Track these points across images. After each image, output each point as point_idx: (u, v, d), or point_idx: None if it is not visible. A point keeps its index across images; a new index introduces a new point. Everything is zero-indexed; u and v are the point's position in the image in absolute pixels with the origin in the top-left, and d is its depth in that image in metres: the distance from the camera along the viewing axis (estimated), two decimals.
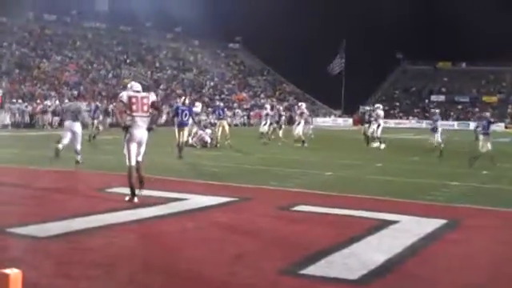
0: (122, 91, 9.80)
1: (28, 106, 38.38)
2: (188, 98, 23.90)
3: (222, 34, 74.16)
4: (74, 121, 14.34)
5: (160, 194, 9.41)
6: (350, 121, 66.36)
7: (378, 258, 5.65)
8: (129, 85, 9.74)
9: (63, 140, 14.25)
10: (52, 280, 4.74)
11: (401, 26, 73.31)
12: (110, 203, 8.68)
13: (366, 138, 24.86)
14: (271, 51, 74.01)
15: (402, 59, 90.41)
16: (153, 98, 9.40)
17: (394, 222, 7.58)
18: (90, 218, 7.35)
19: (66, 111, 15.06)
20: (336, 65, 71.22)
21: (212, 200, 9.04)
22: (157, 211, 7.96)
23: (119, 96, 9.43)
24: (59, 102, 39.60)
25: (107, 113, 36.51)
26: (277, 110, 27.11)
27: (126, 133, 9.01)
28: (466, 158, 16.92)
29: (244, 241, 6.42)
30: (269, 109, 27.48)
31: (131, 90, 9.29)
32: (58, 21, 63.71)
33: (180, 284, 4.79)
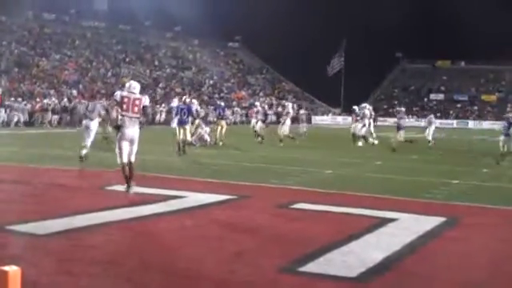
0: (119, 90, 9.99)
1: (27, 105, 38.34)
2: (187, 96, 23.94)
3: (221, 32, 74.23)
4: (92, 120, 14.78)
5: (159, 192, 9.41)
6: (349, 119, 66.33)
7: (377, 256, 5.66)
8: (127, 84, 9.93)
9: (84, 142, 14.37)
10: (52, 277, 4.74)
11: (400, 25, 73.30)
12: (110, 201, 8.68)
13: (353, 136, 25.20)
14: (270, 50, 74.02)
15: (401, 58, 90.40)
16: (145, 102, 9.66)
17: (392, 220, 7.58)
18: (90, 215, 7.35)
19: (83, 111, 15.59)
20: (335, 64, 71.18)
21: (211, 198, 9.04)
22: (156, 209, 7.96)
23: (114, 95, 9.81)
24: (58, 101, 39.62)
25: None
26: (262, 108, 26.93)
27: (118, 131, 9.40)
28: (465, 157, 16.94)
29: (243, 238, 6.42)
30: (259, 107, 27.48)
31: (128, 89, 9.56)
32: (57, 20, 63.67)
33: (179, 282, 4.80)
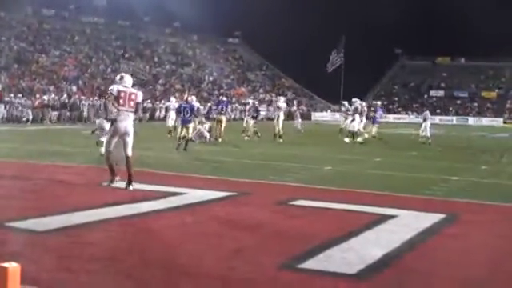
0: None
1: (27, 101, 38.31)
2: (187, 93, 23.98)
3: (221, 28, 74.19)
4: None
5: (159, 189, 9.41)
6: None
7: (377, 253, 5.66)
8: (118, 76, 10.12)
9: (101, 138, 14.61)
10: (51, 274, 4.74)
11: (399, 21, 73.28)
12: (110, 197, 8.68)
13: (340, 130, 25.39)
14: (270, 46, 74.01)
15: (400, 54, 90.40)
16: (139, 97, 9.83)
17: (392, 217, 7.59)
18: (90, 212, 7.35)
19: (98, 110, 15.52)
20: (334, 59, 71.07)
21: (211, 194, 9.04)
22: (156, 205, 7.96)
23: (110, 88, 9.88)
24: (58, 97, 39.59)
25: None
26: (252, 105, 26.84)
27: (111, 125, 9.58)
28: (464, 153, 16.94)
29: (243, 235, 6.42)
30: (251, 103, 27.44)
31: (122, 83, 9.68)
32: (57, 15, 63.60)
33: (179, 278, 4.80)
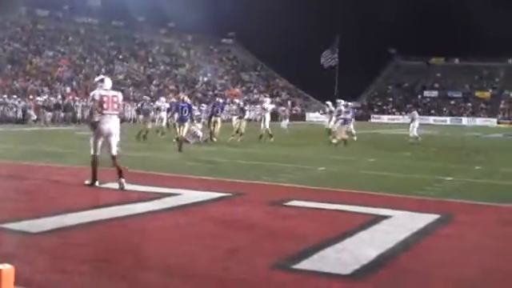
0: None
1: (21, 102, 38.22)
2: (182, 93, 24.03)
3: (214, 29, 74.12)
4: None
5: (153, 190, 9.40)
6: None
7: (371, 253, 5.66)
8: (97, 79, 10.17)
9: None
10: (45, 275, 4.73)
11: (394, 22, 73.41)
12: (104, 198, 8.67)
13: (328, 132, 25.36)
14: (264, 46, 74.00)
15: (394, 54, 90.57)
16: (120, 99, 10.00)
17: (386, 217, 7.59)
18: (84, 213, 7.33)
19: None
20: (328, 58, 71.09)
21: (205, 195, 9.03)
22: (150, 206, 7.94)
23: (91, 94, 9.92)
24: (52, 98, 39.53)
25: None
26: (237, 105, 26.39)
27: (95, 128, 9.64)
28: (458, 154, 16.98)
29: (237, 236, 6.42)
30: (237, 103, 27.16)
31: (102, 87, 9.76)
32: (51, 16, 63.46)
33: (173, 279, 4.79)
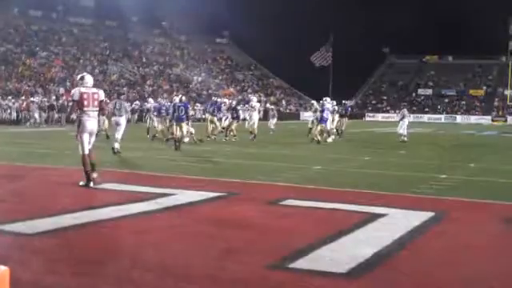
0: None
1: (15, 103, 38.14)
2: (176, 93, 24.07)
3: (208, 29, 74.15)
4: (121, 116, 16.86)
5: (148, 190, 9.38)
6: (337, 115, 66.37)
7: (367, 252, 5.67)
8: (79, 77, 10.37)
9: (116, 137, 16.46)
10: (40, 277, 4.71)
11: (387, 20, 73.56)
12: (99, 199, 8.65)
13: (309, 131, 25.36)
14: (258, 46, 74.08)
15: (388, 53, 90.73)
16: (102, 96, 10.18)
17: (382, 216, 7.59)
18: (79, 214, 7.31)
19: (113, 108, 17.61)
20: (320, 57, 71.07)
21: (200, 195, 9.02)
22: (145, 207, 7.93)
23: (71, 94, 10.17)
24: (46, 99, 39.47)
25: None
26: (229, 104, 26.18)
27: (79, 124, 9.85)
28: (453, 151, 16.99)
29: (232, 235, 6.41)
30: (227, 103, 26.97)
31: (83, 84, 9.99)
32: (44, 16, 63.31)
33: (169, 280, 4.78)
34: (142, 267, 5.05)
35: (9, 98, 38.70)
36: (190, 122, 22.71)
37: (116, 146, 16.16)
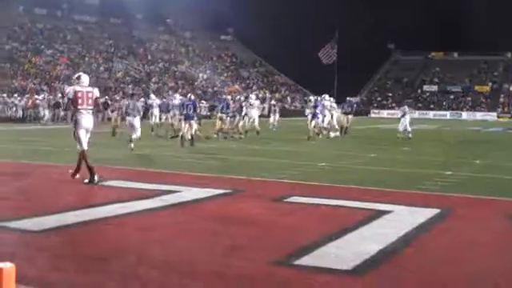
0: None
1: (21, 101, 38.23)
2: (180, 91, 24.16)
3: (213, 26, 74.15)
4: (135, 116, 17.08)
5: (153, 187, 9.39)
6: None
7: (372, 248, 5.66)
8: (75, 76, 10.51)
9: (132, 136, 16.77)
10: (46, 274, 4.73)
11: (392, 17, 73.38)
12: (104, 196, 8.66)
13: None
14: (263, 43, 74.01)
15: (393, 49, 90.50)
16: (96, 94, 10.29)
17: (387, 212, 7.59)
18: (84, 211, 7.34)
19: (127, 109, 18.01)
20: (327, 54, 70.97)
21: (205, 192, 9.02)
22: (150, 204, 7.94)
23: (66, 92, 10.45)
24: (52, 96, 39.55)
25: (105, 106, 36.75)
26: (233, 102, 25.95)
27: (75, 122, 10.02)
28: (458, 148, 16.96)
29: (238, 232, 6.42)
30: (237, 101, 27.01)
31: (79, 83, 10.10)
32: (49, 14, 63.40)
33: (174, 276, 4.79)
34: (147, 264, 5.06)
35: (15, 95, 38.79)
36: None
37: (131, 145, 16.42)
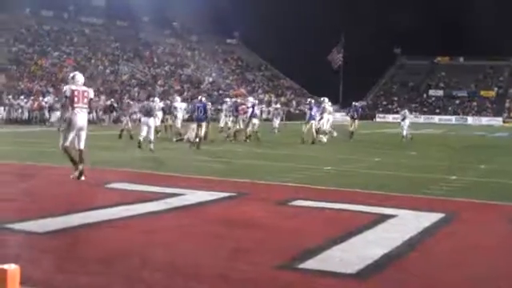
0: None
1: (27, 102, 38.35)
2: (185, 94, 24.23)
3: (219, 29, 74.24)
4: (149, 117, 17.73)
5: (157, 190, 9.39)
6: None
7: (376, 253, 5.65)
8: (71, 75, 10.74)
9: (142, 133, 17.74)
10: (50, 275, 4.74)
11: (398, 21, 73.32)
12: (109, 198, 8.67)
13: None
14: (269, 47, 74.07)
15: (399, 54, 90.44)
16: (91, 94, 10.56)
17: (391, 216, 7.57)
18: (88, 213, 7.34)
19: (141, 110, 18.98)
20: (336, 58, 71.02)
21: (210, 195, 9.02)
22: (154, 207, 7.94)
23: (63, 91, 10.58)
24: (58, 99, 39.69)
25: (111, 109, 37.14)
26: (232, 103, 25.99)
27: (69, 120, 10.21)
28: (463, 153, 16.93)
29: (242, 235, 6.42)
30: (229, 103, 27.01)
31: (74, 82, 10.34)
32: (55, 16, 63.62)
33: (178, 279, 4.79)
34: (152, 267, 5.07)
35: (21, 97, 38.91)
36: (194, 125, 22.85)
37: (152, 146, 16.90)
